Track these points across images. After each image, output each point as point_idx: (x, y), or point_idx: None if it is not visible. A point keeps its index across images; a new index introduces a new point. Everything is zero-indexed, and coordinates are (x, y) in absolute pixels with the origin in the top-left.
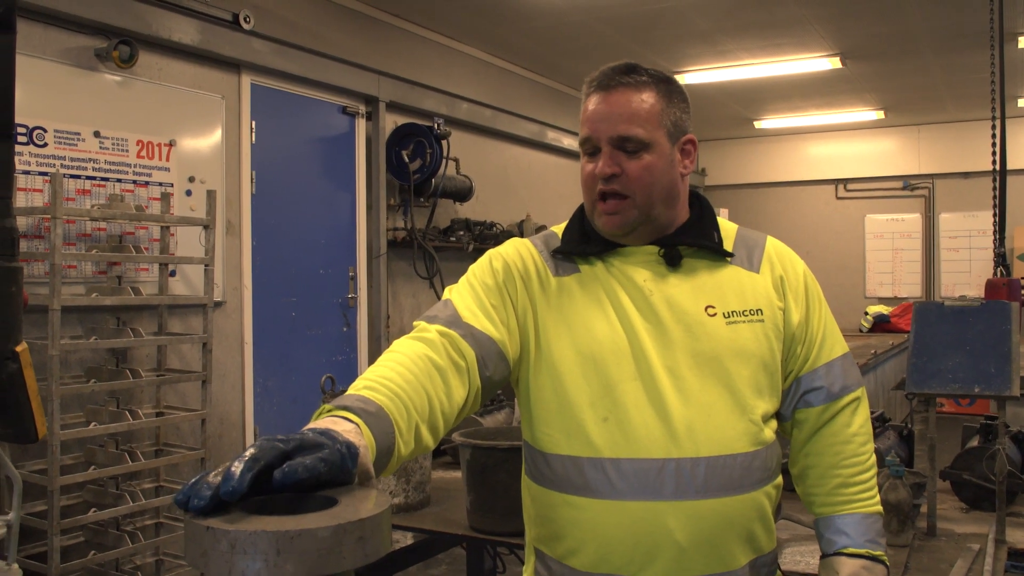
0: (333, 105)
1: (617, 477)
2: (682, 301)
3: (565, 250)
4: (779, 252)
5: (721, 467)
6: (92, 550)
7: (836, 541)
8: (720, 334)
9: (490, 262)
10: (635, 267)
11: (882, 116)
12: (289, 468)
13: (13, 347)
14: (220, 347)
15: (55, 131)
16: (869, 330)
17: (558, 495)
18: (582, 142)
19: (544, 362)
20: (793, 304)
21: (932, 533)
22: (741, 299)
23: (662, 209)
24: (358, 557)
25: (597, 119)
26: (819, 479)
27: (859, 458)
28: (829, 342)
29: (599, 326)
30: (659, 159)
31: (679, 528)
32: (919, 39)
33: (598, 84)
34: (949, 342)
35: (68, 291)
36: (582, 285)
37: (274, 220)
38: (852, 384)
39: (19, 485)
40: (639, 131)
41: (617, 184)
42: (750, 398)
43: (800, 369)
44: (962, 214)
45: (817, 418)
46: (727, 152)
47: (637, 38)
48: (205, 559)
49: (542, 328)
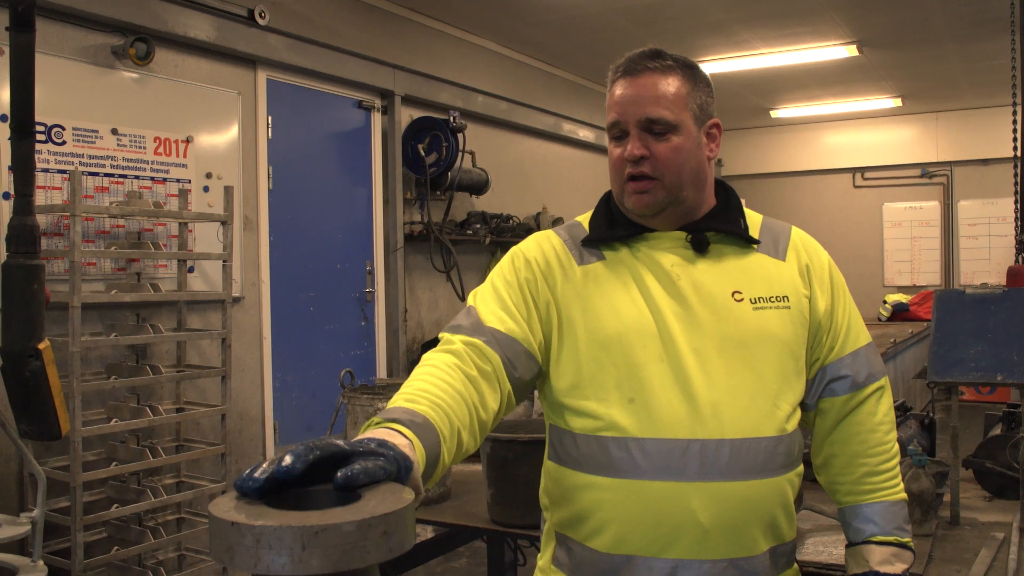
0: (349, 100)
1: (641, 457)
2: (709, 285)
3: (592, 237)
4: (804, 242)
5: (746, 450)
6: (115, 546)
7: (864, 529)
8: (747, 319)
9: (512, 261)
10: (662, 252)
11: (899, 104)
12: (352, 472)
13: (36, 344)
14: (239, 342)
15: (73, 129)
16: (888, 319)
17: (582, 475)
18: (610, 126)
19: (568, 347)
20: (819, 293)
21: (955, 522)
22: (768, 285)
23: (690, 191)
24: (383, 551)
25: (625, 102)
26: (844, 468)
27: (884, 446)
28: (855, 331)
29: (625, 308)
30: (686, 141)
31: (702, 509)
32: (937, 26)
33: (624, 69)
34: (971, 330)
35: (88, 288)
36: (608, 270)
37: (291, 215)
38: (877, 373)
39: (43, 482)
40: (666, 113)
41: (646, 166)
42: (776, 383)
43: (826, 358)
44: (981, 201)
45: (842, 407)
46: (744, 142)
47: (652, 29)
48: (231, 554)
49: (566, 318)
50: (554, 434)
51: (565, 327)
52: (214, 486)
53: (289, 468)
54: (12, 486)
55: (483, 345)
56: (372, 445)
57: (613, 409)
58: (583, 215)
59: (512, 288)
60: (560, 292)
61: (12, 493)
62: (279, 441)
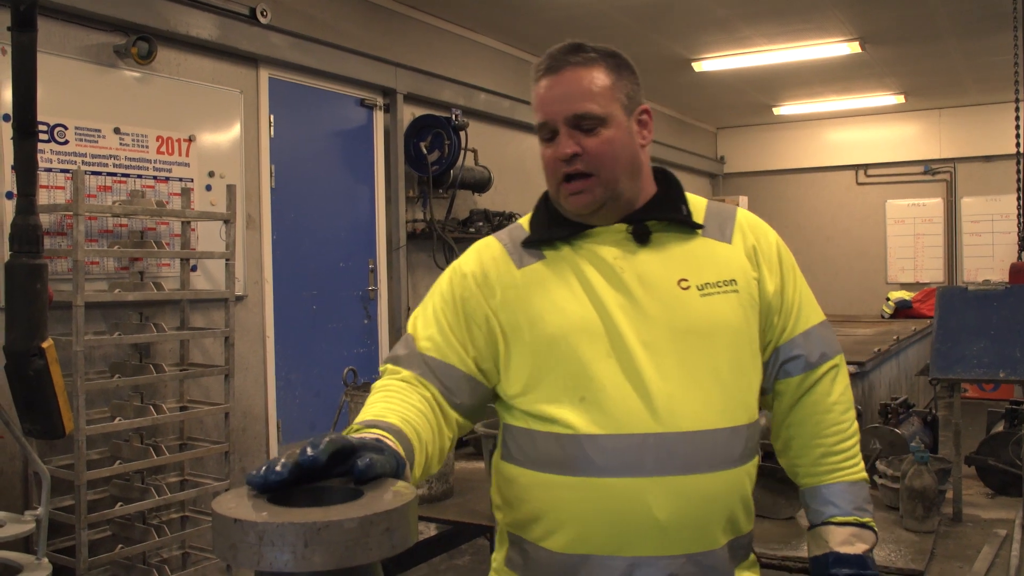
0: (351, 98)
1: (597, 454)
2: (654, 276)
3: (532, 239)
4: (751, 223)
5: (702, 443)
6: (119, 544)
7: (824, 511)
8: (695, 306)
9: (449, 278)
10: (604, 246)
11: (902, 100)
12: (371, 461)
13: (39, 344)
14: (242, 341)
15: (76, 128)
16: (891, 316)
17: (537, 474)
18: (539, 127)
19: (516, 353)
20: (767, 274)
21: (958, 519)
22: (715, 270)
23: (627, 183)
24: (385, 548)
25: (551, 101)
26: (802, 449)
27: (841, 426)
28: (806, 311)
29: (568, 306)
30: (618, 132)
31: (659, 506)
32: (940, 22)
33: (546, 68)
34: (973, 327)
35: (91, 287)
36: (549, 269)
37: (293, 214)
38: (830, 352)
39: (47, 480)
40: (594, 107)
41: (579, 164)
42: (730, 372)
43: (778, 339)
44: (984, 198)
45: (797, 388)
46: (746, 139)
47: (654, 26)
48: (234, 551)
49: (510, 325)
50: (507, 433)
51: (510, 334)
52: (218, 484)
53: (315, 458)
54: (17, 484)
55: (419, 379)
56: (373, 441)
57: (565, 409)
58: (524, 217)
59: (449, 308)
60: (500, 301)
61: (17, 492)
62: (282, 439)
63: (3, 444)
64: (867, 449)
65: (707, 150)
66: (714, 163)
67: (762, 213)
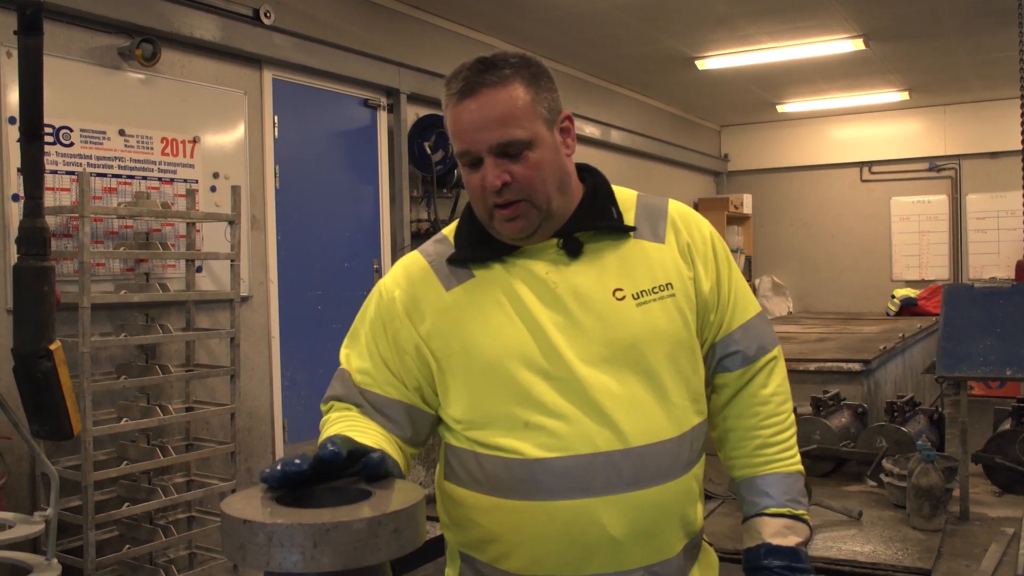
0: (354, 98)
1: (546, 477)
2: (588, 288)
3: (458, 258)
4: (683, 217)
5: (650, 456)
6: (126, 544)
7: (758, 502)
8: (632, 318)
9: (376, 304)
10: (536, 261)
11: (907, 97)
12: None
13: (47, 345)
14: (247, 342)
15: (81, 130)
16: (896, 313)
17: (487, 498)
18: (460, 155)
19: (453, 379)
20: (703, 271)
21: (965, 517)
22: (650, 275)
23: (559, 200)
24: (393, 548)
25: (471, 129)
26: (739, 442)
27: (777, 418)
28: (742, 304)
29: (503, 328)
30: (545, 153)
31: (613, 523)
32: (944, 18)
33: (460, 90)
34: (980, 325)
35: (97, 289)
36: (478, 291)
37: (298, 214)
38: (768, 344)
39: (56, 481)
40: (518, 132)
41: (510, 193)
42: (671, 381)
43: (715, 335)
44: (990, 195)
45: (736, 382)
46: (750, 137)
47: (657, 25)
48: (243, 552)
49: (442, 351)
50: (450, 452)
51: (444, 362)
52: (224, 485)
53: (336, 452)
54: (25, 485)
55: (360, 415)
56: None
57: (510, 435)
58: (450, 227)
59: (380, 337)
60: (431, 328)
61: (25, 493)
62: (288, 440)
63: (10, 445)
64: (874, 447)
65: (711, 148)
66: (718, 161)
67: (766, 211)
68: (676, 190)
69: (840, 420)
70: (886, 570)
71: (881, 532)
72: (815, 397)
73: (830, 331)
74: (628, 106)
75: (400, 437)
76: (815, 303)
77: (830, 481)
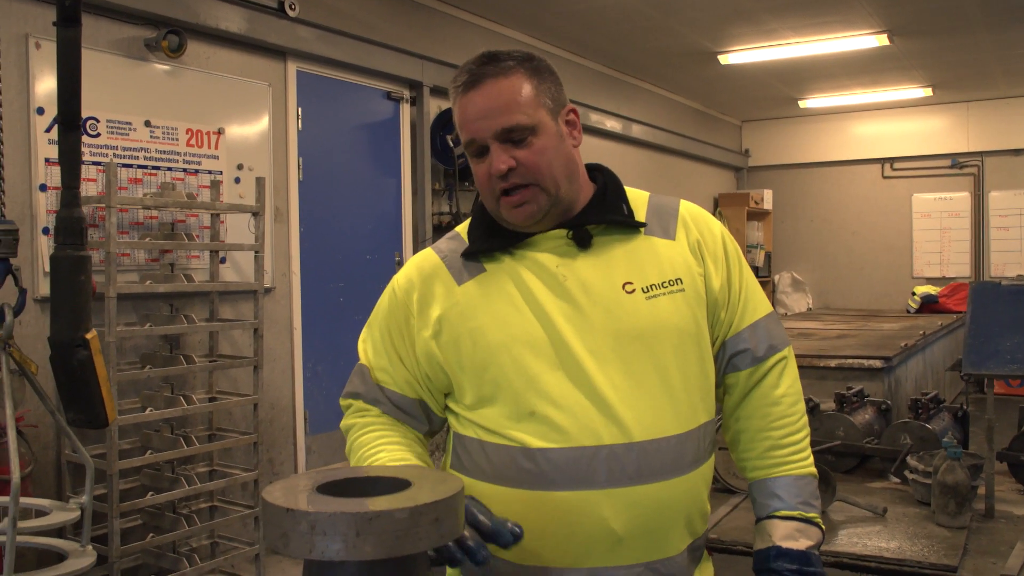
0: (377, 91)
1: (549, 468)
2: (597, 281)
3: (471, 251)
4: (694, 215)
5: (654, 451)
6: (150, 533)
7: (769, 504)
8: (641, 311)
9: (390, 300)
10: (545, 253)
11: (930, 93)
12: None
13: (83, 335)
14: (269, 333)
15: (107, 121)
16: (917, 311)
17: (490, 487)
18: (466, 145)
19: (462, 368)
20: (713, 268)
21: (990, 515)
22: (659, 270)
23: (566, 187)
24: (433, 538)
25: (475, 118)
26: (750, 443)
27: (789, 419)
28: (752, 303)
29: (511, 319)
30: (549, 139)
31: (614, 517)
32: (970, 14)
33: (464, 83)
34: (1006, 322)
35: (123, 279)
36: (489, 283)
37: (321, 206)
38: (778, 344)
39: (92, 469)
40: (521, 118)
41: (515, 177)
42: (678, 376)
43: (725, 333)
44: (1013, 192)
45: (746, 381)
46: (771, 132)
47: (680, 18)
48: (285, 540)
49: (452, 342)
50: (458, 442)
51: (453, 351)
52: (246, 475)
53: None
54: (50, 473)
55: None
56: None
57: (515, 424)
58: (462, 225)
59: (394, 334)
60: (442, 320)
61: (50, 480)
62: (309, 431)
63: (36, 433)
64: (898, 444)
65: (732, 143)
66: (739, 156)
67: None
68: (697, 185)
69: (864, 416)
70: (912, 566)
71: (906, 528)
72: (839, 393)
73: (850, 328)
74: (650, 100)
75: (421, 431)
76: (835, 299)
77: (854, 477)
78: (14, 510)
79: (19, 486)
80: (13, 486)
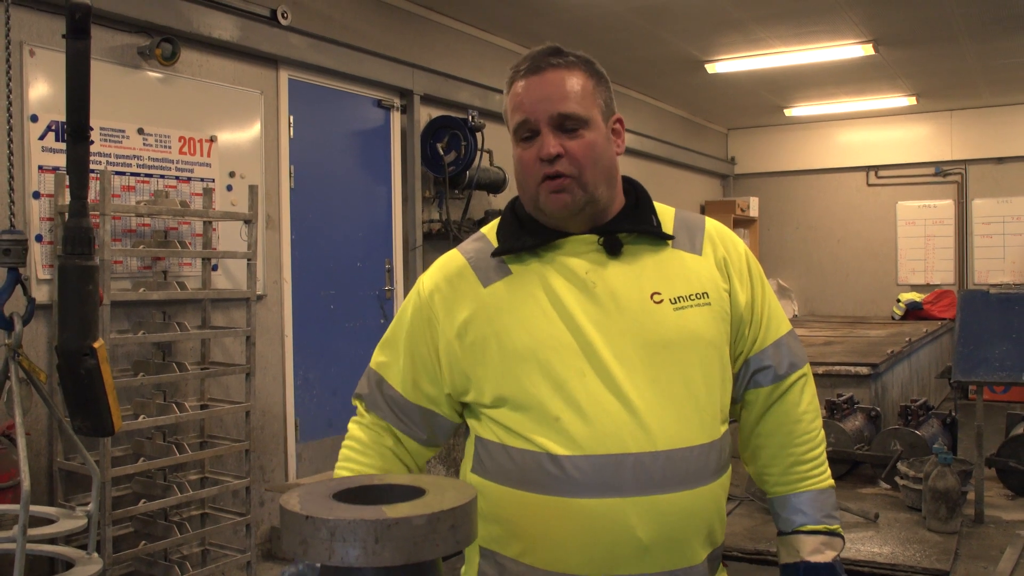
0: (369, 99)
1: (576, 474)
2: (627, 289)
3: (500, 250)
4: (720, 233)
5: (680, 460)
6: (142, 540)
7: (794, 520)
8: (668, 321)
9: (415, 305)
10: (574, 258)
11: (914, 102)
12: None
13: (91, 343)
14: (261, 340)
15: (101, 129)
16: (902, 317)
17: (514, 492)
18: (517, 128)
19: (486, 372)
20: (739, 285)
21: (980, 520)
22: (686, 283)
23: (604, 190)
24: (450, 544)
25: (533, 100)
26: (771, 459)
27: (810, 435)
28: (775, 321)
29: (538, 323)
30: (598, 137)
31: (641, 525)
32: (954, 24)
33: (527, 68)
34: (996, 330)
35: (116, 286)
36: (516, 286)
37: (312, 214)
38: (799, 362)
39: (98, 477)
40: (578, 108)
41: (561, 165)
42: (703, 387)
43: (749, 350)
44: (996, 200)
45: (767, 398)
46: (757, 140)
47: (669, 27)
48: (304, 546)
49: (477, 344)
50: (480, 445)
51: (477, 352)
52: (238, 482)
53: None
54: (42, 480)
55: (380, 422)
56: None
57: (540, 429)
58: (489, 226)
59: (417, 337)
60: (467, 322)
61: (43, 488)
62: (300, 438)
63: (29, 441)
64: (888, 450)
65: (718, 151)
66: (725, 164)
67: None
68: (683, 193)
69: (854, 423)
70: (905, 571)
71: (898, 534)
72: (829, 400)
73: (837, 335)
74: (637, 108)
75: (416, 439)
76: (821, 306)
77: (845, 483)
78: (24, 518)
79: (29, 493)
80: (24, 493)
